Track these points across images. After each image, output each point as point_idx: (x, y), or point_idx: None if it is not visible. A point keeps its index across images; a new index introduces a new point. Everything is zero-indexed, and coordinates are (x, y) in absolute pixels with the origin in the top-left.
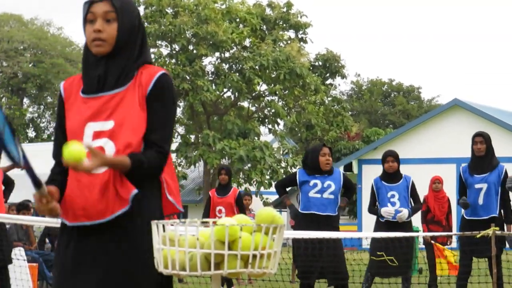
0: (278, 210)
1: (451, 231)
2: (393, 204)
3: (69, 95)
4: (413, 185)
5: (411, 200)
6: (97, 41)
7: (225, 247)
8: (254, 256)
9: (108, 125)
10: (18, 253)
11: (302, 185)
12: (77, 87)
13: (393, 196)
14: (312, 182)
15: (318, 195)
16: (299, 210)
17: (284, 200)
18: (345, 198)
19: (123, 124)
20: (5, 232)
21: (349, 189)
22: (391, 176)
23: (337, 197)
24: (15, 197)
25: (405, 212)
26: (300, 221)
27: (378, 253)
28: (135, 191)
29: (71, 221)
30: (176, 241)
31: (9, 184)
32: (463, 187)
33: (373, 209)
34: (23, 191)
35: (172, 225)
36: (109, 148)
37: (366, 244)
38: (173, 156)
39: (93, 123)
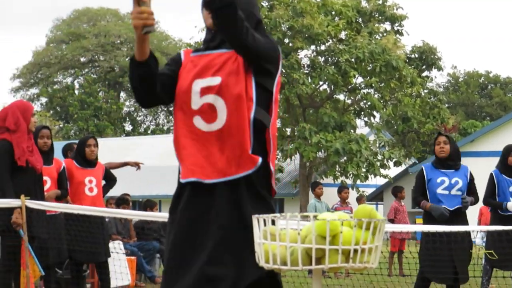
0: (374, 203)
1: None
2: None
3: (185, 59)
4: None
5: None
6: None
7: (326, 242)
8: (355, 250)
9: (216, 80)
10: (118, 247)
11: (429, 182)
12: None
13: None
14: (439, 179)
15: (446, 192)
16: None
17: (424, 205)
18: (472, 198)
19: (230, 79)
20: (104, 226)
21: (469, 190)
22: (510, 169)
23: (464, 194)
24: (114, 190)
25: None
26: (430, 217)
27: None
28: (260, 159)
29: (184, 177)
30: (277, 236)
31: (111, 180)
32: None
33: (491, 201)
34: (122, 184)
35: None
36: (220, 104)
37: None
38: None
39: (200, 80)
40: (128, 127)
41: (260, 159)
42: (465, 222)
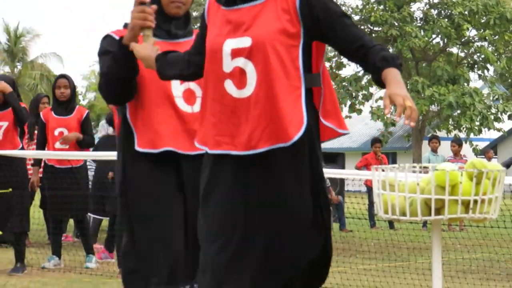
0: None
1: None
2: None
3: (211, 7)
4: None
5: None
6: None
7: (445, 193)
8: (475, 201)
9: (245, 42)
10: None
11: None
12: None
13: None
14: None
15: None
16: None
17: None
18: None
19: (260, 40)
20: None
21: None
22: None
23: None
24: None
25: None
26: None
27: None
28: (301, 131)
29: (212, 148)
30: (396, 186)
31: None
32: None
33: None
34: None
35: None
36: (250, 69)
37: None
38: (381, 102)
39: (231, 40)
40: None
41: (297, 135)
42: None
